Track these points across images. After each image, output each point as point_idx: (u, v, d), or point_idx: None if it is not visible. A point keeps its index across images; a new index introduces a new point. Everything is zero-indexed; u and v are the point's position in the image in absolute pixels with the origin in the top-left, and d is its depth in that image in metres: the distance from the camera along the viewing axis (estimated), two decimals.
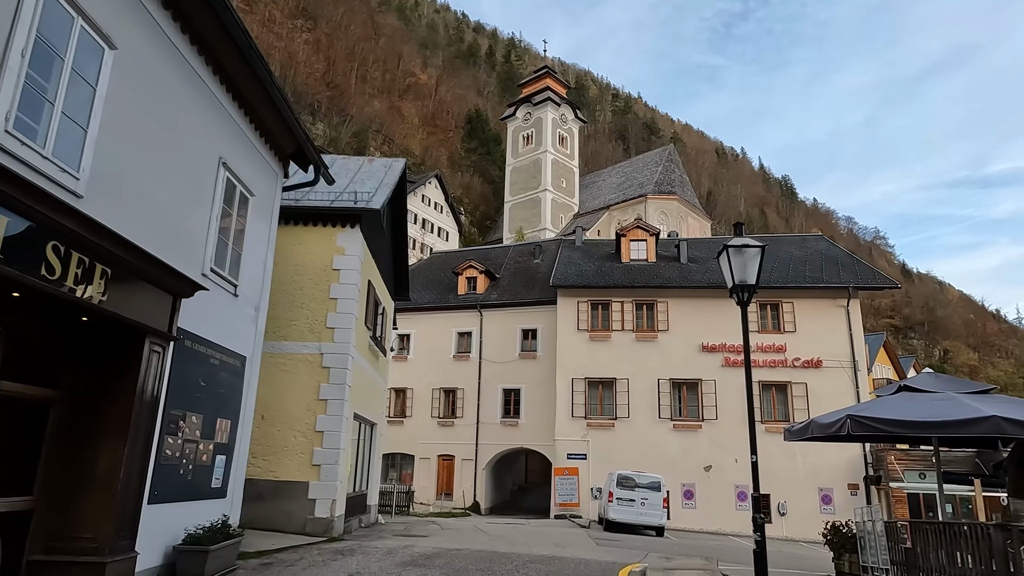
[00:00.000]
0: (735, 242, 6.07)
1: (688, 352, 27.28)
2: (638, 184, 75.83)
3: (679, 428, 26.66)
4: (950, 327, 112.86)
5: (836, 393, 25.34)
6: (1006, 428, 9.41)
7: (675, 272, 29.34)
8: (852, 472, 25.40)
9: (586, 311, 28.63)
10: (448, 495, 30.22)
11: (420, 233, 66.03)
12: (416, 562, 9.58)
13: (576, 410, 27.39)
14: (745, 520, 25.34)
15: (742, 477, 25.75)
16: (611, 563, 10.81)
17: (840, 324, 26.84)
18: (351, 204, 13.75)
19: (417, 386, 31.93)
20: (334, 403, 12.84)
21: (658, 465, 23.85)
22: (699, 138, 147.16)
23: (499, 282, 34.25)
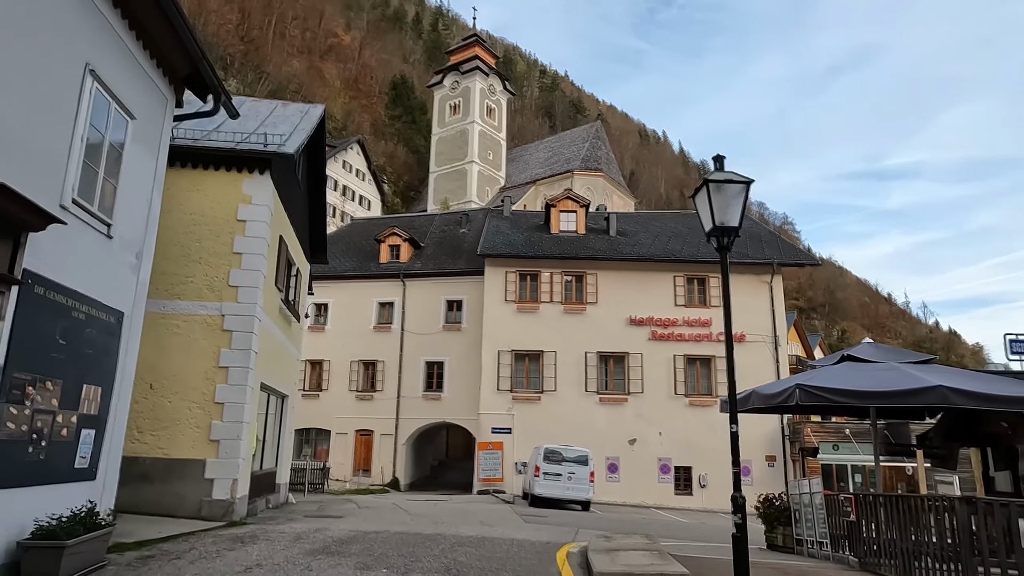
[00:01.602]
0: (717, 176, 5.19)
1: (616, 325, 26.94)
2: (565, 160, 75.45)
3: (605, 401, 26.36)
4: (848, 309, 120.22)
5: (757, 367, 25.65)
6: (952, 398, 9.14)
7: (604, 245, 28.88)
8: (770, 444, 25.89)
9: (514, 282, 27.75)
10: (366, 471, 28.90)
11: (340, 200, 63.25)
12: (329, 549, 8.40)
13: (502, 383, 26.60)
14: (667, 493, 25.45)
15: (665, 450, 25.79)
16: (545, 543, 10.00)
17: (763, 300, 27.16)
18: (260, 147, 12.12)
19: (335, 358, 30.25)
20: (237, 371, 11.34)
21: (584, 439, 23.42)
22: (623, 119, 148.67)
23: (423, 251, 32.84)
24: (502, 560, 8.16)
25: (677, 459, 25.77)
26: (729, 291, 5.17)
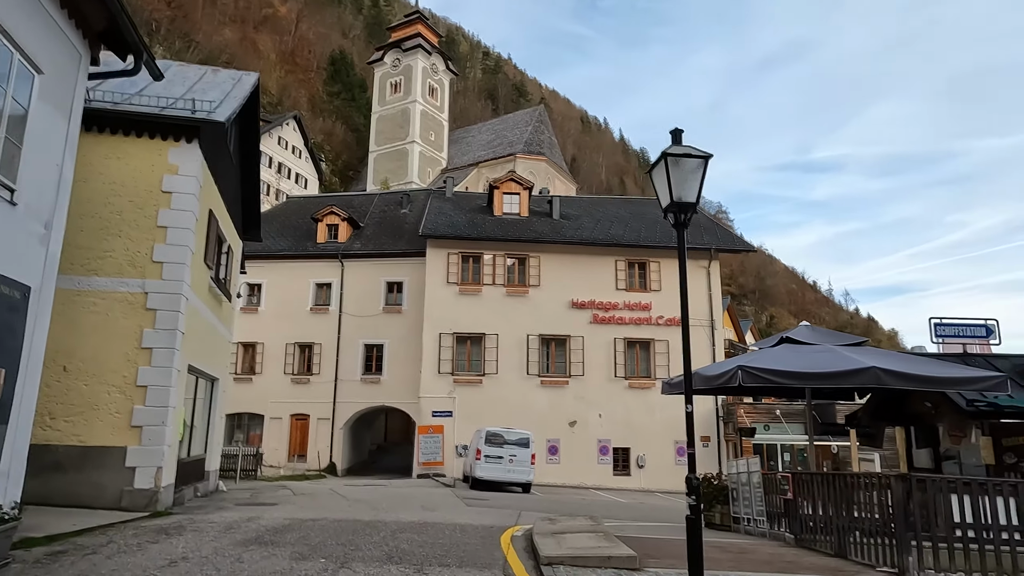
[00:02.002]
0: (675, 150, 5.02)
1: (558, 308, 26.97)
2: (508, 143, 75.02)
3: (547, 384, 26.42)
4: (776, 295, 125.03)
5: (694, 350, 25.66)
6: (884, 378, 9.41)
7: (548, 227, 28.81)
8: (705, 425, 26.54)
9: (456, 264, 27.37)
10: (302, 457, 28.12)
11: (275, 178, 61.03)
12: (262, 539, 7.98)
13: (443, 366, 26.28)
14: (606, 474, 25.78)
15: (605, 432, 26.10)
16: (488, 527, 9.84)
17: (701, 284, 27.69)
18: (188, 113, 11.33)
19: (269, 340, 29.20)
20: (161, 352, 10.64)
21: (525, 421, 23.40)
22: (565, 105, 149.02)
23: (363, 231, 31.99)
24: (445, 546, 7.93)
25: (616, 440, 26.12)
26: (686, 268, 5.05)
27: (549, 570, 6.40)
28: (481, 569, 6.69)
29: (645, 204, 36.55)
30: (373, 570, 6.41)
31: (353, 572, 6.29)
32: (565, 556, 6.69)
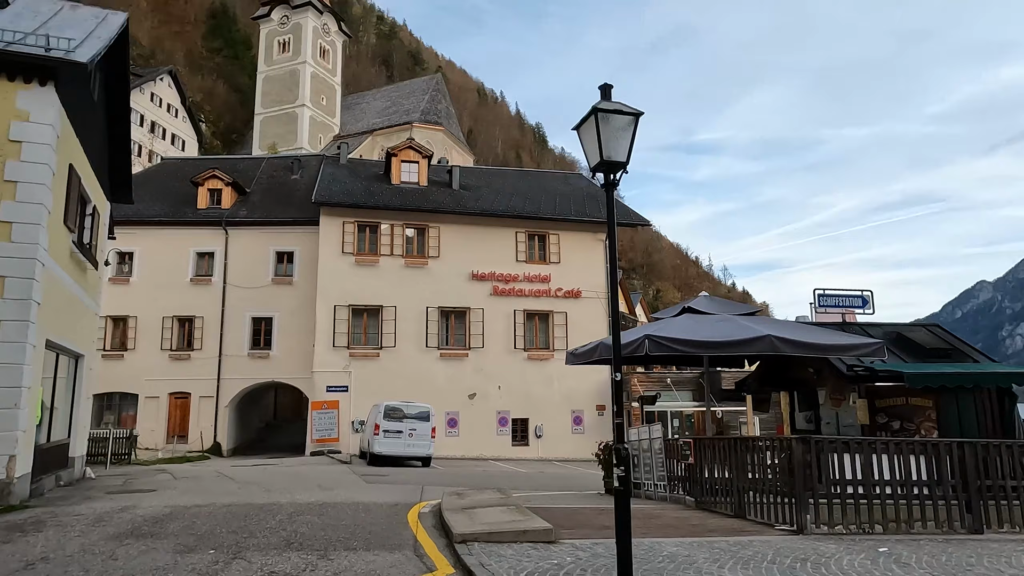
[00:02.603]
0: (606, 106, 4.74)
1: (458, 280, 26.58)
2: (404, 111, 72.96)
3: (446, 357, 26.07)
4: (662, 270, 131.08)
5: (592, 322, 26.71)
6: (778, 346, 9.79)
7: (447, 198, 28.22)
8: (600, 395, 27.24)
9: (352, 233, 26.26)
10: (182, 438, 26.25)
11: (149, 138, 56.04)
12: (139, 531, 7.16)
13: (338, 339, 25.27)
14: (505, 444, 25.93)
15: (504, 403, 26.18)
16: (393, 504, 9.43)
17: (598, 257, 28.19)
18: (41, 51, 9.82)
19: (143, 314, 26.87)
20: (12, 326, 9.30)
21: (424, 395, 22.98)
22: (462, 76, 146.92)
23: (249, 198, 29.97)
24: (349, 528, 7.46)
25: (515, 412, 26.29)
26: (615, 230, 4.83)
27: (463, 548, 6.12)
28: (391, 551, 6.31)
29: (545, 177, 36.76)
30: (271, 559, 5.87)
31: (248, 563, 5.73)
32: (480, 532, 6.44)
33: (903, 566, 5.90)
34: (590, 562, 5.77)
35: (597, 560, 5.85)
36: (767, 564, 5.82)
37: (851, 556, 6.20)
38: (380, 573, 5.49)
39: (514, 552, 6.03)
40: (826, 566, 5.81)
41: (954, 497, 7.57)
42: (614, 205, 4.91)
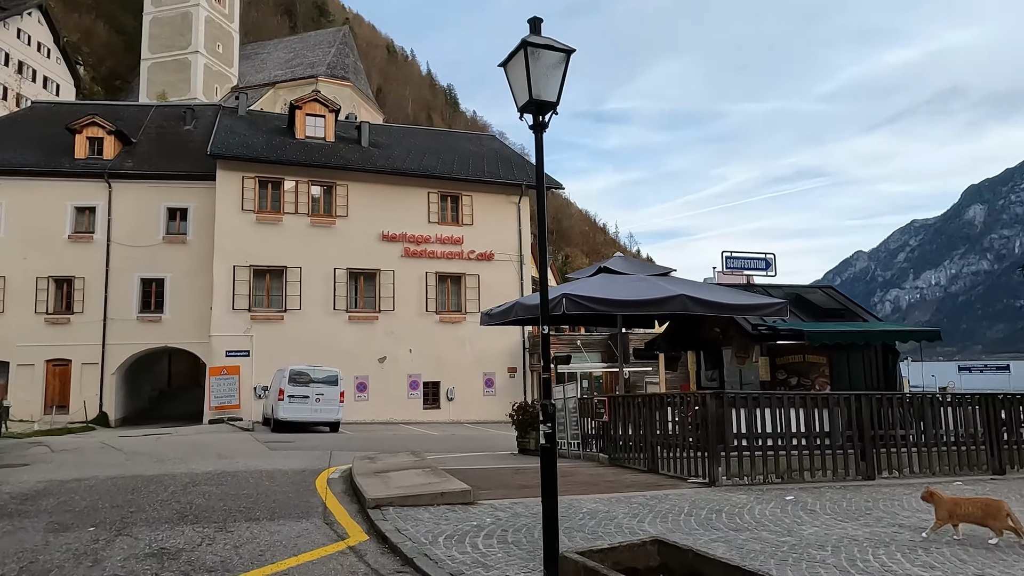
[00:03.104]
0: (536, 40, 4.39)
1: (368, 241, 25.67)
2: (309, 64, 69.22)
3: (355, 320, 25.27)
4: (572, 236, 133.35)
5: (505, 285, 26.62)
6: (690, 305, 9.94)
7: (356, 155, 27.04)
8: (512, 357, 27.36)
9: (253, 189, 24.70)
10: (62, 408, 24.20)
11: (15, 79, 50.36)
12: (4, 509, 6.37)
13: (238, 302, 23.90)
14: (416, 408, 25.63)
15: (415, 367, 25.79)
16: (300, 471, 8.95)
17: (511, 220, 28.01)
18: None
19: (12, 274, 24.35)
20: None
21: (332, 359, 22.19)
22: (370, 31, 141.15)
23: (136, 148, 27.55)
24: (252, 497, 6.96)
25: (427, 375, 25.96)
26: (543, 173, 4.53)
27: (377, 513, 5.80)
28: (298, 519, 5.90)
29: (457, 137, 35.99)
30: (162, 534, 5.33)
31: (135, 539, 5.17)
32: (394, 496, 6.13)
33: (809, 512, 6.12)
34: (511, 522, 5.61)
35: (518, 520, 5.70)
36: (684, 516, 5.87)
37: (761, 505, 6.37)
38: (286, 544, 5.09)
39: (431, 515, 5.78)
40: (740, 515, 5.92)
41: (851, 446, 7.98)
42: (542, 153, 4.59)
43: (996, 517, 4.88)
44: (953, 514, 5.02)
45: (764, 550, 4.80)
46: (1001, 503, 4.99)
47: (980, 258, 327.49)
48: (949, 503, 5.09)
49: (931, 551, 4.79)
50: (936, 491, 5.26)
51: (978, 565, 4.48)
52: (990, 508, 4.95)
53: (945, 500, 5.13)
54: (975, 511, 4.98)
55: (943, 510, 5.08)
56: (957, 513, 5.01)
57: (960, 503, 5.08)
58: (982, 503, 5.06)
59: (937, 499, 5.15)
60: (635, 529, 5.41)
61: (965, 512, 5.00)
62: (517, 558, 4.57)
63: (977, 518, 4.96)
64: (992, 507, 4.95)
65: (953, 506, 5.06)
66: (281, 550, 4.93)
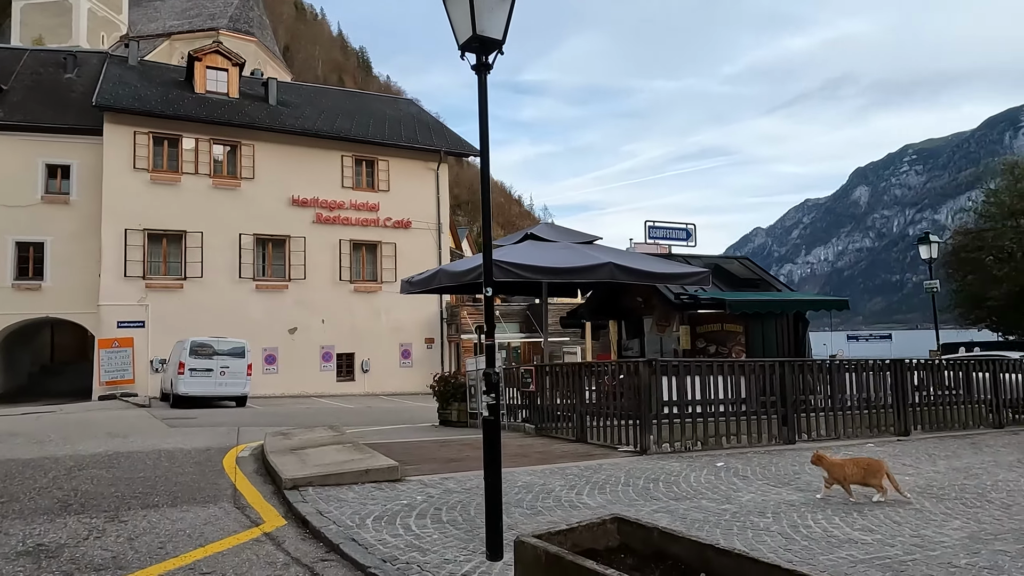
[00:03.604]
0: None
1: (276, 205, 24.25)
2: (209, 15, 64.49)
3: (263, 289, 23.93)
4: None
5: (422, 253, 25.95)
6: (617, 274, 9.83)
7: (263, 114, 25.37)
8: (429, 327, 26.85)
9: (147, 146, 22.70)
10: None
11: None
12: None
13: (131, 269, 22.05)
14: (329, 380, 24.74)
15: (328, 338, 24.82)
16: (204, 450, 8.22)
17: (430, 187, 27.26)
18: None
19: None
20: None
21: (238, 330, 20.94)
22: None
23: (7, 97, 24.64)
24: (149, 481, 6.25)
25: (340, 346, 25.05)
26: (487, 121, 4.08)
27: (295, 494, 5.29)
28: (204, 504, 5.29)
29: (373, 100, 34.58)
30: (40, 527, 4.61)
31: (5, 535, 4.44)
32: (314, 475, 5.62)
33: (742, 478, 6.11)
34: (443, 499, 5.25)
35: (450, 496, 5.34)
36: (622, 487, 5.71)
37: (696, 473, 6.32)
38: (191, 533, 4.51)
39: (356, 495, 5.33)
40: (676, 484, 5.83)
41: (774, 412, 8.12)
42: (486, 98, 4.13)
43: (876, 476, 5.08)
44: (840, 476, 5.14)
45: (707, 519, 4.68)
46: (880, 463, 5.19)
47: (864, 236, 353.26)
48: (836, 465, 5.20)
49: (865, 514, 4.83)
50: (824, 455, 5.37)
51: (912, 526, 4.54)
52: (871, 468, 5.14)
53: (833, 463, 5.23)
54: (858, 472, 5.14)
55: (834, 472, 5.19)
56: (843, 475, 5.14)
57: (845, 465, 5.21)
58: (864, 464, 5.22)
59: (826, 463, 5.27)
60: (574, 502, 5.19)
61: (850, 473, 5.14)
62: (455, 539, 4.22)
63: (860, 478, 5.12)
64: (873, 467, 5.14)
65: (839, 468, 5.18)
66: (185, 540, 4.35)
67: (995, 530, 4.46)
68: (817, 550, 4.01)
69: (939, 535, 4.33)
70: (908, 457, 7.36)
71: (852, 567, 3.72)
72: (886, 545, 4.11)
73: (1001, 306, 22.82)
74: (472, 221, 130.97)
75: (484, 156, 4.16)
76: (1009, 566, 3.73)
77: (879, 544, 4.12)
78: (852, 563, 3.78)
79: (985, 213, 24.60)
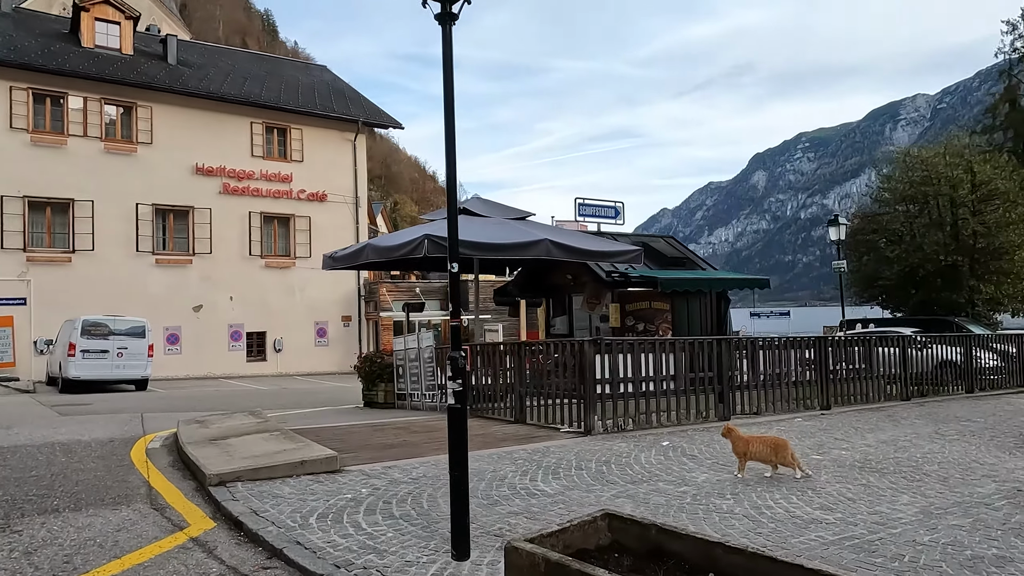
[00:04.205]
0: None
1: (179, 173, 22.48)
2: None
3: (164, 263, 22.22)
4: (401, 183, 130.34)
5: (339, 228, 24.89)
6: (553, 251, 9.68)
7: (162, 73, 23.35)
8: (346, 305, 25.90)
9: (25, 103, 20.40)
10: None
11: None
12: None
13: (9, 240, 19.87)
14: (239, 360, 23.45)
15: (237, 316, 23.45)
16: (106, 441, 7.40)
17: (346, 158, 26.11)
18: None
19: None
20: None
21: (137, 307, 19.38)
22: None
23: None
24: (44, 480, 5.49)
25: (251, 325, 23.72)
26: (452, 74, 3.67)
27: (223, 491, 4.76)
28: (115, 507, 4.67)
29: (284, 64, 32.74)
30: None
31: None
32: (243, 469, 5.09)
33: (691, 458, 6.08)
34: (391, 491, 4.87)
35: (398, 488, 4.97)
36: (576, 471, 5.52)
37: (645, 453, 6.23)
38: (102, 542, 3.93)
39: (293, 490, 4.85)
40: (629, 466, 5.70)
41: (711, 389, 8.20)
42: (451, 50, 3.72)
43: (778, 455, 5.14)
44: (747, 452, 5.18)
45: (670, 503, 4.56)
46: (786, 443, 5.27)
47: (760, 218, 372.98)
48: (741, 440, 5.24)
49: (820, 492, 4.86)
50: (734, 428, 5.39)
51: (867, 503, 4.59)
52: (777, 447, 5.21)
53: (741, 438, 5.27)
54: (765, 449, 5.20)
55: (738, 447, 5.23)
56: (750, 451, 5.18)
57: (751, 441, 5.26)
58: (771, 441, 5.29)
59: (734, 437, 5.28)
60: (531, 489, 4.95)
61: (757, 450, 5.19)
62: (413, 537, 3.87)
63: (765, 455, 5.17)
64: (779, 446, 5.21)
65: (743, 443, 5.22)
66: (96, 552, 3.77)
67: (942, 504, 4.58)
68: (787, 533, 3.95)
69: (894, 511, 4.39)
70: (838, 431, 7.61)
71: (825, 549, 3.68)
72: (849, 524, 4.11)
73: (892, 285, 24.49)
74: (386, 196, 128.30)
75: (449, 115, 3.76)
76: (968, 541, 3.80)
77: (843, 524, 4.12)
78: (824, 545, 3.74)
79: (880, 198, 26.22)
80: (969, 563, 3.46)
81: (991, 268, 22.42)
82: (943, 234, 22.88)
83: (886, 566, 3.42)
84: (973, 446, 6.72)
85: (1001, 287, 22.54)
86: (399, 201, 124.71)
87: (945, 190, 23.13)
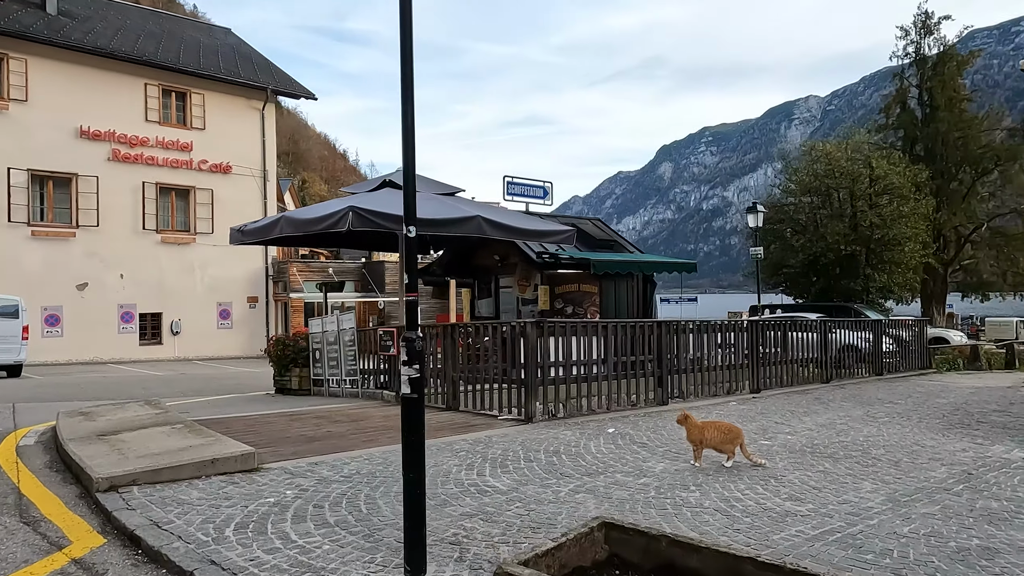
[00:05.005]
0: None
1: (60, 136, 20.22)
2: None
3: (42, 236, 19.97)
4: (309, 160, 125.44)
5: (246, 203, 23.26)
6: (486, 228, 9.18)
7: (40, 23, 20.86)
8: (253, 285, 24.33)
9: None
10: None
11: None
12: None
13: None
14: (130, 344, 21.55)
15: (128, 295, 21.50)
16: None
17: (254, 128, 24.42)
18: None
19: None
20: None
21: (8, 284, 17.32)
22: None
23: None
24: None
25: (144, 305, 21.80)
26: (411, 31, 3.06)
27: (115, 499, 3.97)
28: None
29: (183, 24, 30.21)
30: None
31: None
32: (140, 471, 4.30)
33: (642, 445, 5.78)
34: (321, 492, 4.24)
35: (329, 488, 4.34)
36: (525, 463, 5.07)
37: (594, 442, 5.87)
38: None
39: (203, 494, 4.12)
40: (580, 456, 5.32)
41: (651, 373, 7.98)
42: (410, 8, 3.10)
43: (733, 443, 5.00)
44: (701, 439, 5.02)
45: (635, 497, 4.19)
46: (739, 430, 5.13)
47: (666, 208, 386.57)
48: (696, 427, 5.07)
49: (783, 481, 4.65)
50: (690, 415, 5.20)
51: (833, 491, 4.41)
52: (730, 434, 5.07)
53: (696, 425, 5.09)
54: (718, 436, 5.04)
55: (693, 435, 5.05)
56: (704, 438, 5.02)
57: (705, 428, 5.09)
58: (725, 428, 5.15)
59: (690, 424, 5.09)
60: (480, 485, 4.45)
61: (710, 437, 5.04)
62: (354, 549, 3.29)
63: (718, 443, 5.02)
64: (732, 433, 5.08)
65: (699, 431, 5.05)
66: None
67: (904, 490, 4.46)
68: (765, 528, 3.66)
69: (862, 500, 4.22)
70: (775, 415, 7.57)
71: (810, 546, 3.41)
72: (824, 516, 3.88)
73: (795, 273, 25.64)
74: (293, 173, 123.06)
75: (407, 69, 3.17)
76: (947, 531, 3.64)
77: (818, 516, 3.88)
78: (808, 541, 3.47)
79: (787, 189, 27.34)
80: (959, 556, 3.28)
81: (884, 258, 23.83)
82: (843, 224, 24.08)
83: (878, 563, 3.18)
84: (907, 428, 6.81)
85: (892, 276, 24.02)
86: (307, 179, 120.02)
87: (846, 183, 24.34)
